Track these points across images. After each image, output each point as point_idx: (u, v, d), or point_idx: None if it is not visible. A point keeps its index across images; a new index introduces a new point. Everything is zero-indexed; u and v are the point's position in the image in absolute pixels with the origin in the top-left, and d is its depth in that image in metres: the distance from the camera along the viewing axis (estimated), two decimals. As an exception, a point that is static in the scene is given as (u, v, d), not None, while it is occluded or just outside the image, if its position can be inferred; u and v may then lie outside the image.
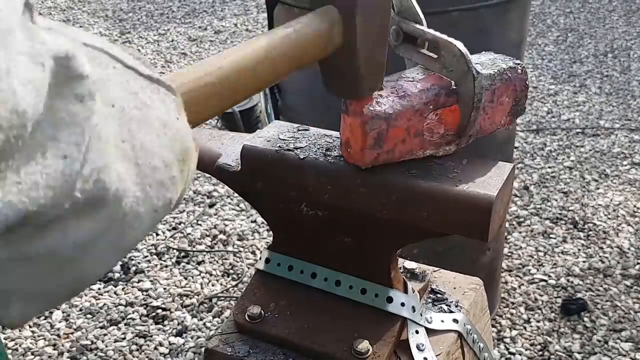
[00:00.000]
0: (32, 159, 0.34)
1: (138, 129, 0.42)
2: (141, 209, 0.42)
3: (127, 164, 0.41)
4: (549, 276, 2.30)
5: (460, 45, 0.70)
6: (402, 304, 0.76)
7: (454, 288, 0.85)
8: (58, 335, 2.07)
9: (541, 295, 2.22)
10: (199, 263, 2.41)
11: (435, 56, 0.72)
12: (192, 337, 2.07)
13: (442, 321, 0.79)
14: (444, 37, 0.71)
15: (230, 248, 2.49)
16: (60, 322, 2.12)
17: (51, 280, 0.39)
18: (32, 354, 2.00)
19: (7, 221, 0.33)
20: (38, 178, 0.33)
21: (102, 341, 2.05)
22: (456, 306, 0.82)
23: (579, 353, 1.98)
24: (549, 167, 3.01)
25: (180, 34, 4.77)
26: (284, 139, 0.77)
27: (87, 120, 0.37)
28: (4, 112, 0.31)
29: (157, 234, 2.57)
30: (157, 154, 0.43)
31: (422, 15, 0.74)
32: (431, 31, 0.73)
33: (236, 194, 0.95)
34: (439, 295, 0.84)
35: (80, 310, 2.17)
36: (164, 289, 2.27)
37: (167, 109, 0.46)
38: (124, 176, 0.40)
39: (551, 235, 2.53)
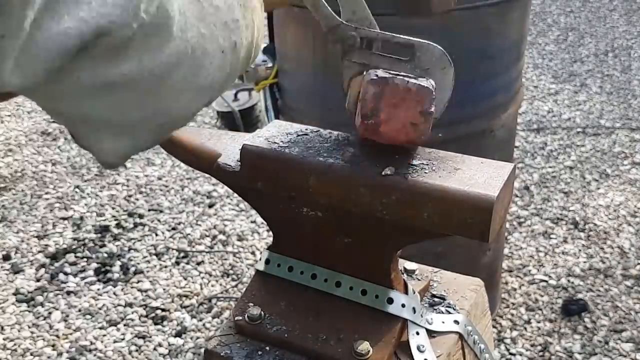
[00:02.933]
0: None
1: None
2: (208, 46, 0.44)
3: (190, 1, 0.43)
4: (550, 277, 2.30)
5: (438, 47, 0.74)
6: (403, 305, 0.75)
7: (455, 289, 0.85)
8: (57, 336, 2.06)
9: (542, 296, 2.21)
10: (198, 263, 2.40)
11: (407, 58, 0.73)
12: (191, 338, 2.07)
13: (443, 322, 0.79)
14: (420, 40, 0.74)
15: (229, 248, 2.48)
16: (59, 322, 2.12)
17: (134, 111, 0.42)
18: (32, 354, 2.00)
19: (82, 36, 0.35)
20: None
21: (102, 342, 2.04)
22: (457, 307, 0.82)
23: (579, 354, 1.97)
24: (550, 167, 3.00)
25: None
26: (284, 139, 0.77)
27: None
28: None
29: (156, 234, 2.56)
30: None
31: (374, 21, 0.75)
32: (399, 35, 0.74)
33: (236, 194, 0.95)
34: (439, 297, 0.83)
35: (79, 310, 2.17)
36: (164, 289, 2.27)
37: None
38: (186, 11, 0.42)
39: (552, 236, 2.52)
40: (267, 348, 0.77)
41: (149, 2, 0.38)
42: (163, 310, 2.18)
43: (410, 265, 0.84)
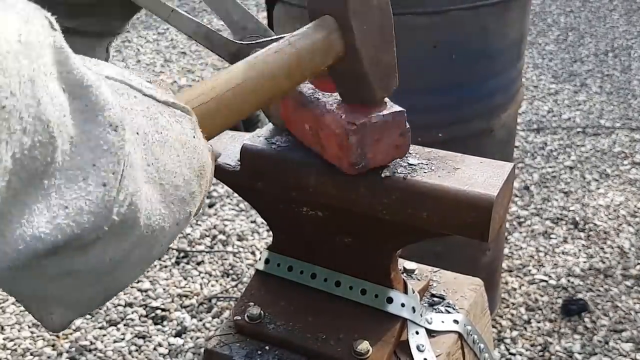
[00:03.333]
0: (74, 182, 0.37)
1: (160, 152, 0.46)
2: (166, 224, 0.47)
3: (153, 186, 0.45)
4: (550, 276, 2.30)
5: None
6: (402, 305, 0.75)
7: (454, 289, 0.85)
8: (57, 336, 2.07)
9: (542, 296, 2.21)
10: (198, 263, 2.40)
11: None
12: (191, 338, 2.07)
13: (443, 322, 0.79)
14: None
15: (229, 248, 2.48)
16: (59, 322, 2.12)
17: (89, 290, 0.44)
18: (31, 354, 2.00)
19: (55, 242, 0.36)
20: (82, 204, 0.37)
21: (102, 342, 2.05)
22: (456, 307, 0.82)
23: (579, 354, 1.97)
24: (550, 167, 3.00)
25: (180, 33, 4.76)
26: (284, 139, 0.77)
27: (122, 149, 0.40)
28: (27, 116, 0.33)
29: (157, 234, 2.56)
30: (178, 173, 0.48)
31: (265, 26, 0.75)
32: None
33: (236, 194, 0.95)
34: (439, 296, 0.83)
35: (80, 310, 2.17)
36: (163, 289, 2.27)
37: (184, 128, 0.50)
38: (151, 197, 0.44)
39: (552, 236, 2.52)
40: (267, 347, 0.78)
41: (121, 204, 0.40)
42: (163, 310, 2.18)
43: (410, 265, 0.85)
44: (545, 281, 2.28)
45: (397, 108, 0.68)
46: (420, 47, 1.52)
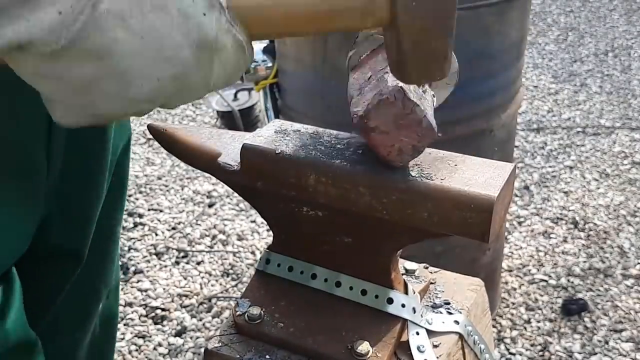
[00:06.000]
0: (40, 8, 0.46)
1: (151, 11, 0.49)
2: (145, 72, 0.51)
3: (131, 36, 0.49)
4: (550, 276, 2.30)
5: None
6: (403, 305, 0.75)
7: (455, 289, 0.85)
8: (57, 336, 2.06)
9: (542, 296, 2.21)
10: (198, 263, 2.40)
11: None
12: (191, 338, 2.07)
13: (443, 322, 0.79)
14: None
15: (229, 248, 2.48)
16: (59, 322, 2.12)
17: (72, 99, 0.51)
18: (31, 354, 1.99)
19: (19, 40, 0.46)
20: (38, 22, 0.46)
21: (101, 341, 2.04)
22: (457, 307, 0.82)
23: (579, 353, 1.97)
24: (550, 167, 3.00)
25: (180, 33, 4.76)
26: (284, 138, 0.76)
27: None
28: None
29: (156, 234, 2.56)
30: (166, 35, 0.50)
31: None
32: None
33: (236, 194, 0.95)
34: (439, 297, 0.83)
35: (80, 310, 2.17)
36: (163, 289, 2.27)
37: (195, 3, 0.51)
38: (123, 42, 0.49)
39: (552, 235, 2.52)
40: (267, 348, 0.77)
41: (74, 32, 0.47)
42: (163, 310, 2.18)
43: (411, 265, 0.84)
44: (545, 281, 2.28)
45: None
46: (421, 47, 1.52)
